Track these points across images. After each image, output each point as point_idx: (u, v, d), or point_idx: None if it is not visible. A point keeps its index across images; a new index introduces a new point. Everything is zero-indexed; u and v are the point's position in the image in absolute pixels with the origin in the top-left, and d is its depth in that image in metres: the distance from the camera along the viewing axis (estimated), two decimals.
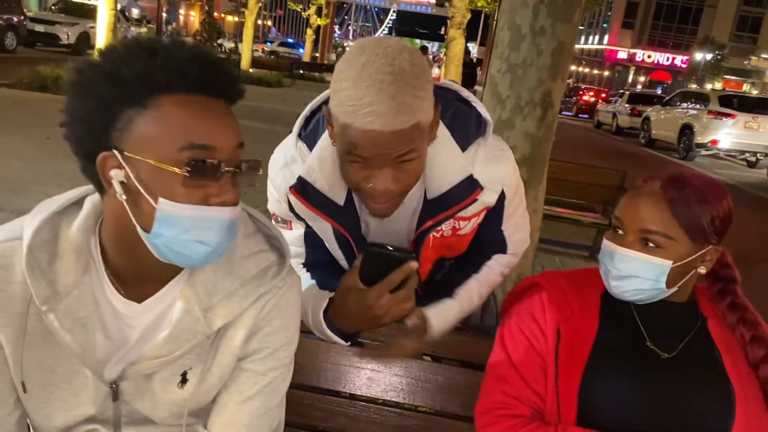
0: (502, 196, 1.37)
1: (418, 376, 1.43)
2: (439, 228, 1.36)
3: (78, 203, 1.01)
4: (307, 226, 1.41)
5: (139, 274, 0.98)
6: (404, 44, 1.13)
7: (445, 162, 1.27)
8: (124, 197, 0.89)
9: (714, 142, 15.28)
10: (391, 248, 1.19)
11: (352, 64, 1.08)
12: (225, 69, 0.92)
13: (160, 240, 0.90)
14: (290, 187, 1.30)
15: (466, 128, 1.31)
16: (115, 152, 0.88)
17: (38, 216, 0.96)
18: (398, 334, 1.37)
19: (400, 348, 1.38)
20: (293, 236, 1.43)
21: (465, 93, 1.36)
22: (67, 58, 13.75)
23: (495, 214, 1.40)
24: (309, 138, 1.32)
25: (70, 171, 6.18)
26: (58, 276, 0.95)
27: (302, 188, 1.30)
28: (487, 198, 1.34)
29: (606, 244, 1.25)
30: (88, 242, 0.98)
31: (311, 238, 1.43)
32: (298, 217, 1.39)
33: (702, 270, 1.25)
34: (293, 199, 1.32)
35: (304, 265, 1.45)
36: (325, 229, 1.38)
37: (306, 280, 1.41)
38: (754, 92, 41.86)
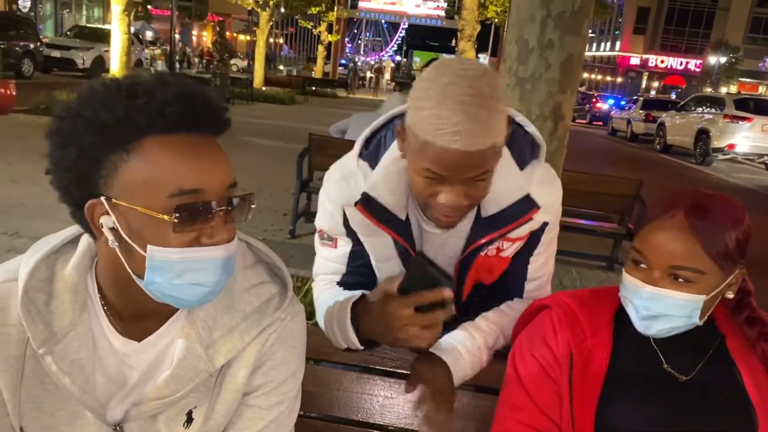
0: (545, 223, 1.37)
1: None
2: (488, 248, 1.36)
3: (74, 241, 0.99)
4: (356, 243, 1.42)
5: (137, 312, 0.96)
6: (485, 67, 1.16)
7: (504, 180, 1.27)
8: (115, 244, 0.87)
9: (731, 146, 15.13)
10: (433, 267, 1.19)
11: (436, 83, 1.11)
12: (209, 103, 0.88)
13: (154, 286, 0.88)
14: (356, 203, 1.32)
15: (522, 150, 1.33)
16: (102, 200, 0.85)
17: (34, 256, 0.95)
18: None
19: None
20: (336, 254, 1.44)
21: (519, 117, 1.38)
22: (83, 83, 13.93)
23: (532, 241, 1.39)
24: (370, 157, 1.35)
25: None
26: (55, 317, 0.93)
27: (367, 203, 1.32)
28: (543, 217, 1.35)
29: (630, 280, 1.17)
30: (85, 281, 0.96)
31: (356, 256, 1.43)
32: (349, 233, 1.40)
33: (729, 295, 1.19)
34: (353, 213, 1.34)
35: (339, 283, 1.46)
36: (382, 244, 1.38)
37: (337, 293, 1.41)
38: None
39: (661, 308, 1.14)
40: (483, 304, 1.46)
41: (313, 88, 24.51)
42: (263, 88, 21.62)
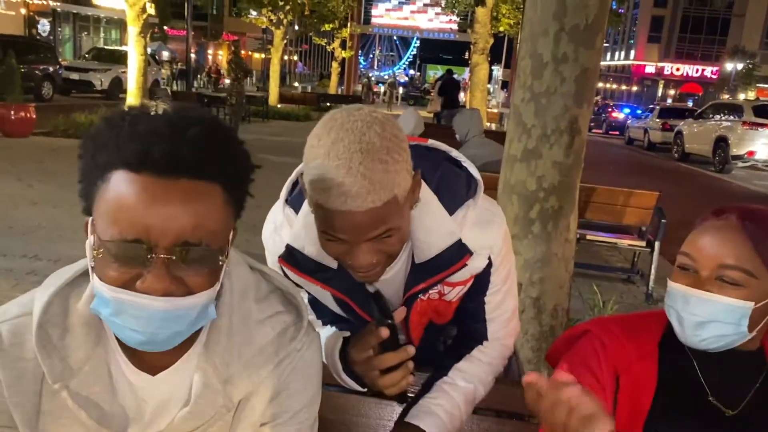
0: (489, 264, 1.28)
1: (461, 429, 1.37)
2: (427, 292, 1.30)
3: (87, 273, 0.97)
4: (309, 293, 1.37)
5: None
6: (375, 116, 1.06)
7: (432, 227, 1.21)
8: (92, 264, 0.86)
9: (751, 153, 14.97)
10: (377, 308, 1.17)
11: (321, 140, 1.04)
12: (183, 145, 0.81)
13: (101, 316, 0.87)
14: (279, 257, 1.26)
15: (455, 190, 1.25)
16: (89, 220, 0.87)
17: (48, 290, 0.94)
18: None
19: None
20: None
21: (454, 153, 1.30)
22: (101, 104, 14.25)
23: (480, 282, 1.32)
24: (295, 202, 1.28)
25: None
26: (70, 351, 0.92)
27: (290, 256, 1.25)
28: (476, 263, 1.26)
29: (675, 287, 1.13)
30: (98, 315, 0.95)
31: (315, 304, 1.39)
32: (296, 284, 1.32)
33: None
34: (285, 270, 1.28)
35: (324, 323, 1.42)
36: (323, 294, 1.33)
37: (326, 331, 1.37)
38: None
39: (708, 313, 1.09)
40: (448, 349, 1.43)
41: (328, 104, 24.64)
42: (278, 105, 21.79)
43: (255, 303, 1.00)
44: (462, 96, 20.73)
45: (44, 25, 27.92)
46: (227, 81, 13.79)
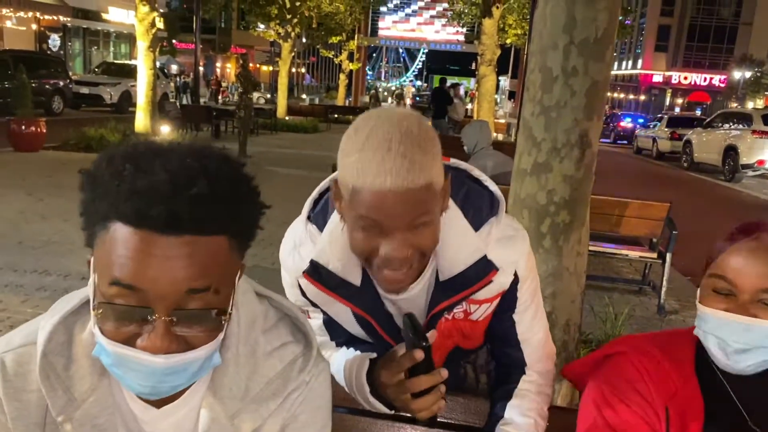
0: (515, 280, 1.28)
1: None
2: (451, 311, 1.28)
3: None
4: (324, 313, 1.35)
5: None
6: (411, 111, 1.11)
7: (458, 243, 1.20)
8: (93, 303, 0.84)
9: (761, 162, 14.88)
10: (412, 328, 1.13)
11: (359, 130, 1.05)
12: (183, 203, 0.78)
13: (103, 362, 0.85)
14: (303, 272, 1.24)
15: (479, 208, 1.24)
16: (90, 258, 0.85)
17: (52, 318, 0.92)
18: None
19: None
20: (315, 325, 1.37)
21: (476, 172, 1.30)
22: (110, 118, 14.34)
23: (508, 300, 1.30)
24: (318, 218, 1.27)
25: None
26: (74, 382, 0.91)
27: (315, 271, 1.23)
28: (501, 279, 1.25)
29: (713, 312, 1.08)
30: None
31: (331, 325, 1.37)
32: (313, 304, 1.32)
33: None
34: (305, 284, 1.26)
35: (338, 345, 1.40)
36: (342, 313, 1.31)
37: (345, 352, 1.36)
38: None
39: (757, 340, 1.05)
40: (495, 387, 1.39)
41: (336, 115, 24.71)
42: (286, 118, 21.89)
43: (263, 334, 0.98)
44: (469, 106, 20.71)
45: (55, 40, 28.20)
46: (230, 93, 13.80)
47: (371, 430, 1.37)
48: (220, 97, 33.95)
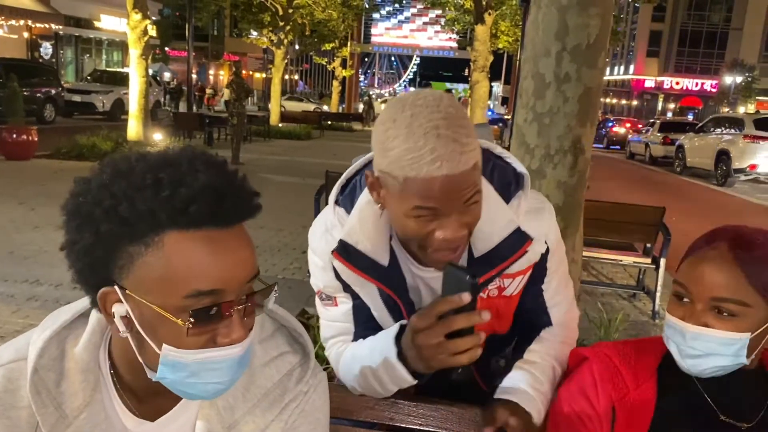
0: (546, 250, 1.31)
1: None
2: (486, 287, 1.29)
3: (85, 315, 0.94)
4: (355, 297, 1.35)
5: (150, 390, 0.91)
6: (440, 92, 1.11)
7: (492, 216, 1.22)
8: (126, 334, 0.82)
9: (753, 166, 14.95)
10: (459, 270, 1.06)
11: (397, 120, 1.06)
12: (238, 195, 0.82)
13: (166, 381, 0.84)
14: (333, 251, 1.26)
15: (507, 182, 1.28)
16: (116, 289, 0.81)
17: (43, 333, 0.91)
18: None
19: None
20: (340, 312, 1.37)
21: (498, 150, 1.33)
22: (103, 126, 14.30)
23: (538, 271, 1.33)
24: (346, 202, 1.31)
25: None
26: (66, 398, 0.89)
27: (344, 251, 1.26)
28: (537, 248, 1.28)
29: (673, 321, 1.13)
30: (96, 359, 0.92)
31: (360, 311, 1.36)
32: (345, 287, 1.33)
33: None
34: (337, 264, 1.28)
35: (356, 338, 1.37)
36: (371, 294, 1.32)
37: (360, 344, 1.33)
38: None
39: (706, 347, 1.08)
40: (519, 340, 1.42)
41: (329, 122, 24.73)
42: (280, 125, 21.88)
43: (259, 344, 0.97)
44: None
45: (46, 48, 28.11)
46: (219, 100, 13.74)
47: None
48: (205, 105, 33.66)
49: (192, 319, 0.78)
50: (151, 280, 0.78)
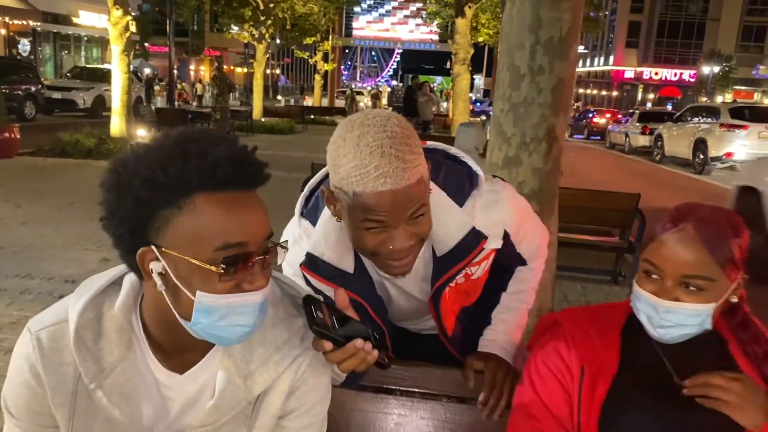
0: (506, 235, 1.43)
1: (444, 418, 1.48)
2: (453, 279, 1.43)
3: (117, 282, 1.08)
4: (327, 298, 1.45)
5: (179, 346, 1.04)
6: (388, 112, 1.22)
7: (447, 221, 1.33)
8: (163, 288, 0.95)
9: (729, 154, 15.24)
10: (316, 308, 1.10)
11: (347, 139, 1.15)
12: (254, 162, 0.96)
13: (199, 326, 0.96)
14: (300, 265, 1.37)
15: (460, 185, 1.38)
16: (153, 248, 0.94)
17: (81, 298, 1.04)
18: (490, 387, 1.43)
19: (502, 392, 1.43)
20: None
21: (452, 150, 1.44)
22: (84, 123, 14.24)
23: (506, 248, 1.46)
24: (310, 214, 1.40)
25: (94, 235, 6.35)
26: (104, 353, 1.02)
27: (311, 263, 1.36)
28: (493, 244, 1.41)
29: (643, 294, 1.23)
30: (130, 320, 1.05)
31: None
32: (317, 291, 1.42)
33: (734, 299, 1.26)
34: (306, 275, 1.39)
35: None
36: None
37: None
38: (766, 101, 41.64)
39: (677, 319, 1.20)
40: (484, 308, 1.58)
41: (312, 116, 24.73)
42: (263, 119, 21.86)
43: (270, 306, 1.08)
44: (445, 105, 20.83)
45: (24, 45, 27.84)
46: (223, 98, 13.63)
47: (357, 402, 1.49)
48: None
49: (223, 266, 0.92)
50: (185, 237, 0.92)
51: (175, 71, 24.36)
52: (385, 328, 1.49)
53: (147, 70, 34.29)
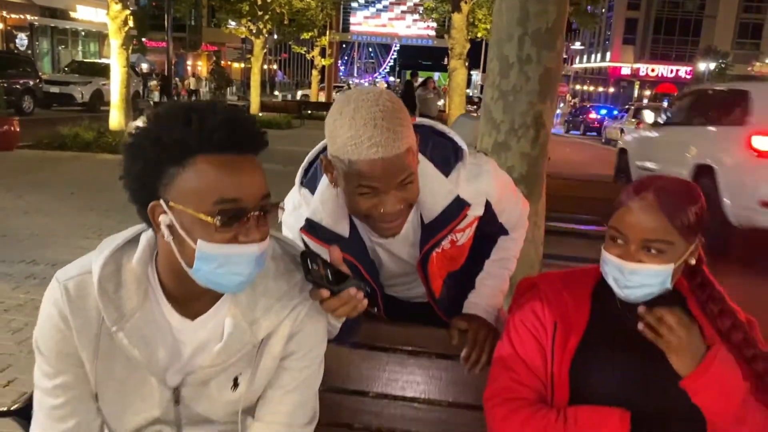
0: (488, 204, 1.57)
1: (431, 374, 1.61)
2: (440, 245, 1.56)
3: (133, 240, 1.21)
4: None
5: (190, 295, 1.17)
6: (381, 88, 1.36)
7: (433, 190, 1.47)
8: (170, 238, 1.09)
9: None
10: (311, 260, 1.22)
11: (343, 113, 1.29)
12: (250, 128, 1.08)
13: (200, 273, 1.09)
14: (300, 228, 1.49)
15: (446, 157, 1.51)
16: (162, 202, 1.08)
17: (103, 253, 1.17)
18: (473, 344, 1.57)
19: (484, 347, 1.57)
20: None
21: (439, 126, 1.58)
22: (83, 117, 14.29)
23: (488, 217, 1.60)
24: (309, 183, 1.53)
25: (94, 223, 6.50)
26: (123, 301, 1.15)
27: (310, 228, 1.49)
28: (475, 211, 1.55)
29: (610, 258, 1.35)
30: (146, 272, 1.18)
31: None
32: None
33: (692, 261, 1.39)
34: (305, 238, 1.52)
35: None
36: None
37: None
38: None
39: (640, 279, 1.33)
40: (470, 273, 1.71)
41: (309, 111, 24.79)
42: (260, 114, 21.91)
43: (272, 261, 1.23)
44: (440, 102, 20.92)
45: (22, 39, 27.84)
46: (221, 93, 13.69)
47: (352, 359, 1.62)
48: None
49: (219, 217, 1.04)
50: (188, 192, 1.05)
51: (173, 66, 24.40)
52: (377, 289, 1.62)
53: (144, 65, 34.30)
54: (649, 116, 9.79)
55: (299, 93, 40.71)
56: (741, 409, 1.29)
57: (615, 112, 31.35)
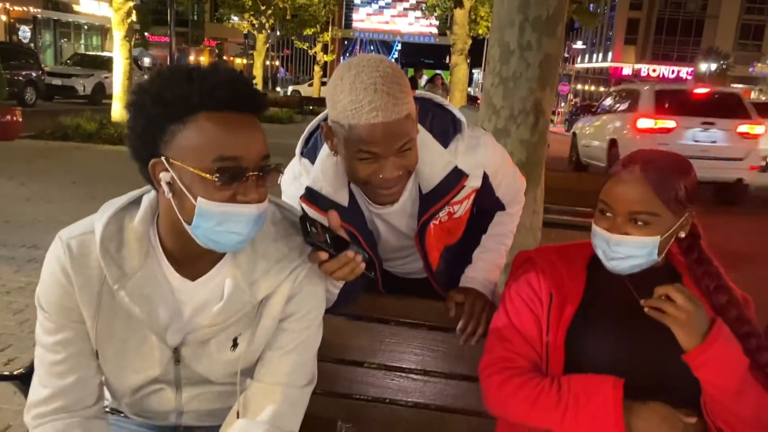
0: (486, 176, 1.59)
1: (428, 345, 1.64)
2: (437, 216, 1.58)
3: (135, 202, 1.23)
4: None
5: (190, 256, 1.19)
6: (381, 56, 1.37)
7: (432, 160, 1.49)
8: (170, 195, 1.10)
9: None
10: (310, 226, 1.25)
11: (344, 78, 1.30)
12: (250, 88, 1.09)
13: (199, 230, 1.11)
14: (301, 197, 1.50)
15: (445, 128, 1.53)
16: (162, 159, 1.09)
17: (106, 213, 1.19)
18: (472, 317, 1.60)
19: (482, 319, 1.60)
20: None
21: (438, 99, 1.60)
22: (85, 109, 14.31)
23: (485, 189, 1.62)
24: (310, 153, 1.55)
25: (95, 210, 6.41)
26: (125, 260, 1.17)
27: (311, 196, 1.50)
28: (473, 183, 1.57)
29: (599, 231, 1.37)
30: (148, 233, 1.19)
31: None
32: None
33: (682, 234, 1.41)
34: (305, 207, 1.53)
35: None
36: None
37: None
38: (762, 98, 41.76)
39: (626, 251, 1.36)
40: (468, 247, 1.73)
41: (311, 107, 24.79)
42: None
43: (272, 225, 1.25)
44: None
45: (25, 32, 27.87)
46: None
47: (353, 331, 1.65)
48: None
49: (218, 175, 1.06)
50: (188, 149, 1.07)
51: (175, 61, 24.40)
52: (375, 259, 1.65)
53: (147, 60, 34.31)
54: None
55: (290, 88, 40.56)
56: (740, 383, 1.30)
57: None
